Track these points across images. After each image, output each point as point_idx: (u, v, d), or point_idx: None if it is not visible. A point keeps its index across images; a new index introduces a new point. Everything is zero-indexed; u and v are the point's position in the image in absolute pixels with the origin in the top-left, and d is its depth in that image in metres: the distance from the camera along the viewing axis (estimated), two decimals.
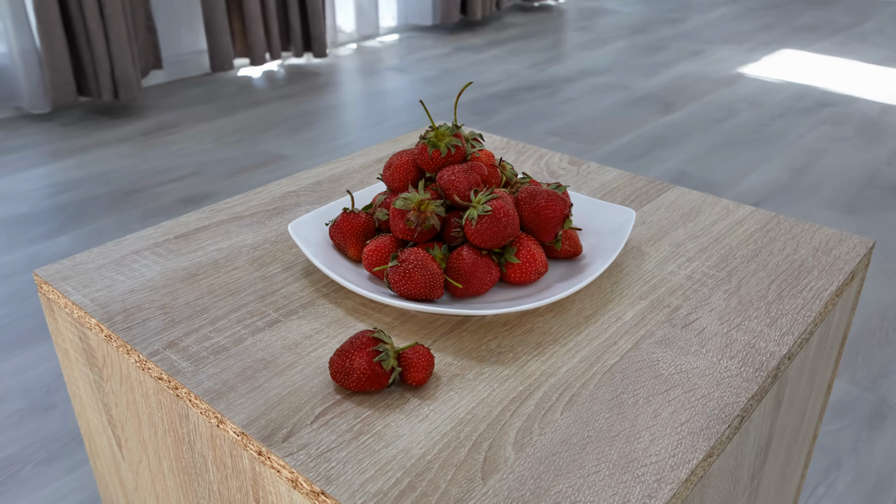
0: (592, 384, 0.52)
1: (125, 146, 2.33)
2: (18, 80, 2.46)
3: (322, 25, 2.99)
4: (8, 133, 2.43)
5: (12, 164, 2.21)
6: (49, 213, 1.92)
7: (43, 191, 2.05)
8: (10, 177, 2.14)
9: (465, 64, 3.13)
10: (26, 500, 1.10)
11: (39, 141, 2.37)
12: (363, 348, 0.50)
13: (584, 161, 0.88)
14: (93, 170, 2.17)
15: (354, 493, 0.44)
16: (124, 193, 2.03)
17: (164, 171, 2.16)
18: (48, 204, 1.97)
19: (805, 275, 0.65)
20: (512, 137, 2.38)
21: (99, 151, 2.29)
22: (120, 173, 2.15)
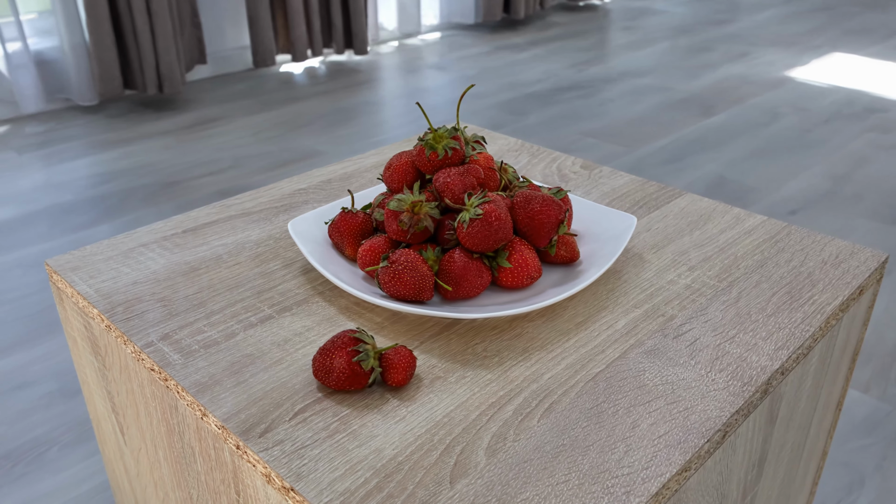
0: (574, 392, 0.52)
1: (167, 139, 2.38)
2: (69, 72, 2.53)
3: (363, 23, 3.02)
4: (57, 124, 2.51)
5: (59, 153, 2.29)
6: (91, 202, 1.98)
7: (87, 180, 2.11)
8: (57, 166, 2.21)
9: (504, 63, 3.13)
10: (51, 480, 1.14)
11: (86, 132, 2.44)
12: (343, 348, 0.50)
13: (596, 165, 0.87)
14: (135, 161, 2.23)
15: (322, 490, 0.44)
16: (163, 185, 2.08)
17: (203, 164, 2.21)
18: (91, 193, 2.03)
19: (809, 288, 0.63)
20: (546, 138, 2.36)
21: (142, 143, 2.35)
22: (160, 165, 2.20)
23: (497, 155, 0.90)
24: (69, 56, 2.48)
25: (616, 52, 3.28)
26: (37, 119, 2.54)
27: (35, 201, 1.99)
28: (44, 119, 2.54)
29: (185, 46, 2.68)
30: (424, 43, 3.41)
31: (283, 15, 2.90)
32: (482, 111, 2.59)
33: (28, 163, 2.23)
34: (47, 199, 2.00)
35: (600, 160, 2.20)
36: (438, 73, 3.01)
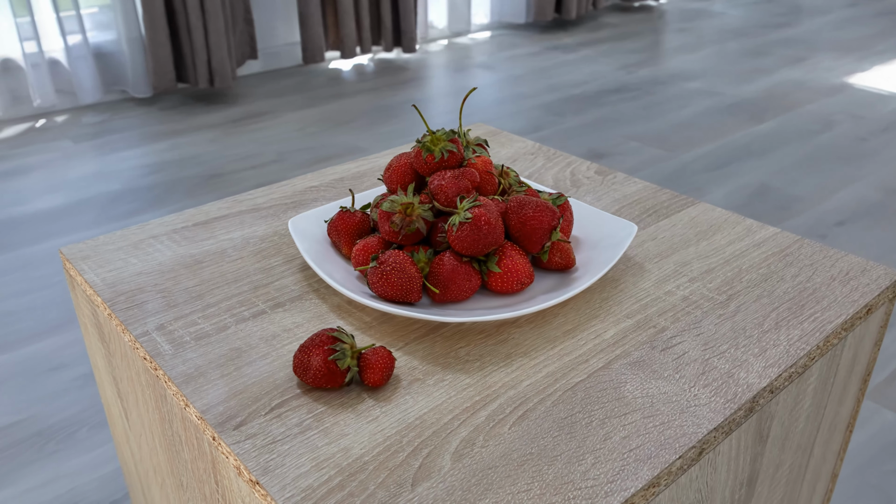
0: (550, 401, 0.51)
1: (214, 132, 2.44)
2: (125, 65, 2.62)
3: (412, 21, 3.03)
4: (113, 115, 2.59)
5: (112, 143, 2.36)
6: (138, 192, 2.04)
7: (136, 171, 2.18)
8: (109, 155, 2.29)
9: (553, 63, 3.10)
10: (79, 459, 1.18)
11: (139, 123, 2.52)
12: (321, 346, 0.51)
13: (611, 171, 0.86)
14: (182, 153, 2.29)
15: (286, 486, 0.45)
16: (207, 177, 2.13)
17: (247, 157, 2.26)
18: (138, 183, 2.09)
19: (813, 304, 0.61)
20: (587, 141, 2.34)
21: (190, 136, 2.41)
22: (205, 158, 2.26)
23: (512, 158, 0.90)
24: (126, 49, 2.56)
25: (667, 55, 3.23)
26: (94, 109, 2.63)
27: (85, 189, 2.06)
28: (101, 110, 2.63)
29: (236, 42, 2.74)
30: (474, 42, 3.41)
31: (333, 12, 2.94)
32: (525, 112, 2.58)
33: (82, 152, 2.31)
34: (97, 188, 2.07)
35: (641, 165, 2.17)
36: (485, 72, 3.01)
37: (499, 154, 0.91)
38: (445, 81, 2.91)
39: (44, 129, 2.47)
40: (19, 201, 2.01)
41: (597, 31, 3.57)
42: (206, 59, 2.57)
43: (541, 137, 2.37)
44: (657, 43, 3.41)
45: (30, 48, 2.44)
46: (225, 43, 2.58)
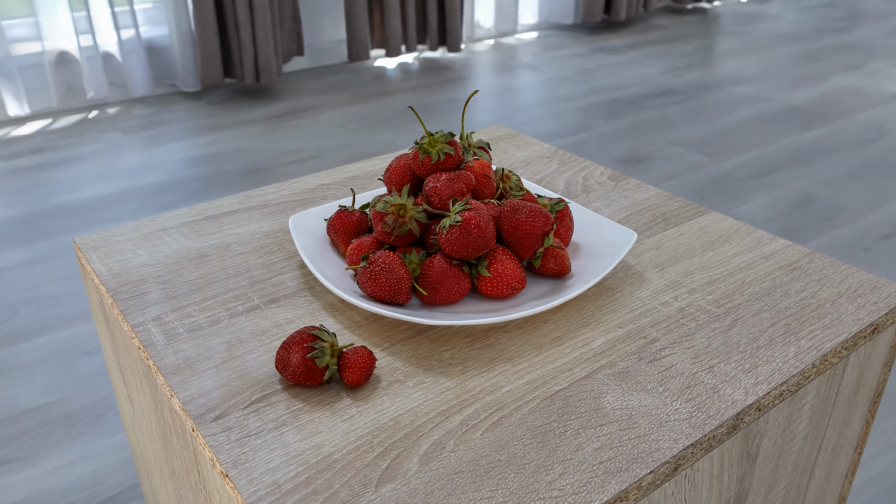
0: (527, 408, 0.51)
1: (257, 127, 2.48)
2: (175, 60, 2.68)
3: (458, 20, 3.03)
4: (162, 108, 2.66)
5: (159, 136, 2.43)
6: (179, 184, 2.09)
7: (179, 163, 2.23)
8: (155, 147, 2.35)
9: (599, 65, 3.07)
10: (103, 442, 1.22)
11: (186, 117, 2.58)
12: (300, 343, 0.52)
13: (625, 177, 0.85)
14: (225, 147, 2.34)
15: (253, 480, 0.46)
16: (247, 171, 2.17)
17: (288, 152, 2.29)
18: (181, 175, 2.15)
19: (814, 321, 0.59)
20: (628, 144, 2.30)
21: (234, 130, 2.46)
22: (247, 152, 2.30)
23: (526, 161, 0.89)
24: (176, 44, 2.63)
25: (718, 59, 3.16)
26: (144, 102, 2.70)
27: (130, 180, 2.12)
28: (150, 103, 2.70)
29: (283, 39, 2.79)
30: (520, 42, 3.40)
31: (379, 11, 2.96)
32: (565, 114, 2.56)
33: (130, 143, 2.38)
34: (141, 179, 2.13)
35: (681, 170, 2.13)
36: (529, 72, 2.99)
37: (513, 157, 0.90)
38: (488, 81, 2.90)
39: (96, 121, 2.55)
40: (69, 189, 2.08)
41: (646, 34, 3.51)
42: (252, 55, 2.62)
43: (579, 140, 2.34)
44: (708, 46, 3.34)
45: (85, 42, 2.52)
46: (271, 39, 2.62)
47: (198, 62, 2.63)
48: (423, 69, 3.04)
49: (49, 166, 2.21)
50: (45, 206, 1.99)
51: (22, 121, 2.53)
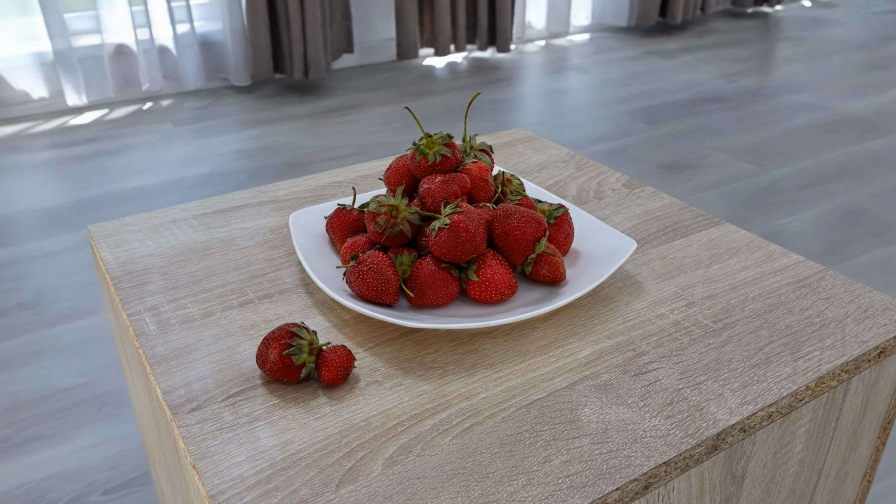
0: (501, 416, 0.50)
1: (303, 122, 2.52)
2: (227, 54, 2.74)
3: (508, 20, 3.02)
4: (213, 101, 2.72)
5: (209, 129, 2.48)
6: (223, 176, 2.14)
7: (225, 156, 2.28)
8: (204, 140, 2.40)
9: (650, 69, 3.01)
10: (129, 425, 1.25)
11: (236, 111, 2.63)
12: (278, 340, 0.52)
13: (640, 185, 0.83)
14: (271, 141, 2.38)
15: (217, 472, 0.46)
16: (289, 166, 2.20)
17: (330, 148, 2.32)
18: (225, 168, 2.19)
19: (815, 341, 0.57)
20: (674, 150, 2.26)
21: (280, 125, 2.50)
22: (291, 147, 2.33)
23: (542, 165, 0.88)
24: (229, 39, 2.68)
25: (775, 65, 3.07)
26: (196, 95, 2.77)
27: (177, 171, 2.18)
28: (202, 96, 2.76)
29: (333, 35, 2.82)
30: (571, 44, 3.36)
31: (429, 9, 2.97)
32: (612, 117, 2.52)
33: (180, 135, 2.44)
34: (188, 170, 2.18)
35: (727, 179, 2.08)
36: (579, 74, 2.96)
37: (529, 161, 0.89)
38: (536, 83, 2.88)
39: (149, 112, 2.62)
40: (119, 178, 2.14)
41: (702, 37, 3.44)
42: (302, 51, 2.66)
43: (623, 145, 2.31)
44: (766, 52, 3.25)
45: (142, 35, 2.59)
46: (321, 35, 2.65)
47: (249, 57, 2.68)
48: (471, 69, 3.04)
49: (102, 155, 2.29)
50: (95, 193, 2.05)
51: (80, 110, 2.62)
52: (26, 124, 2.51)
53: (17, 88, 2.53)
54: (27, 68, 2.52)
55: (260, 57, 2.66)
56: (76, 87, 2.54)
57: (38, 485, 1.15)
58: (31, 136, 2.42)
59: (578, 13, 3.45)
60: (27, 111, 2.56)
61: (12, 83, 2.52)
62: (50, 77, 2.56)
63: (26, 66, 2.52)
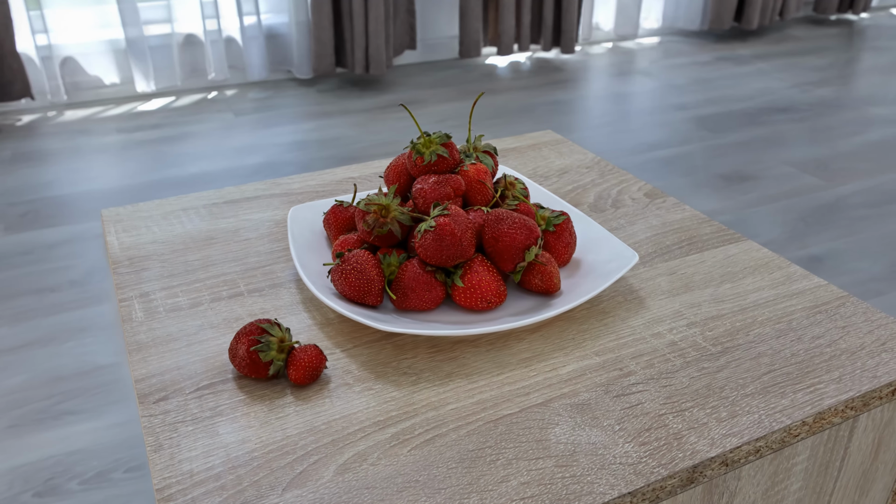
0: (466, 430, 0.48)
1: (360, 116, 2.53)
2: (292, 47, 2.78)
3: (574, 21, 2.97)
4: (275, 93, 2.77)
5: (268, 119, 2.52)
6: (277, 167, 2.17)
7: (281, 147, 2.31)
8: (262, 130, 2.45)
9: (720, 75, 2.91)
10: None
11: (297, 103, 2.67)
12: (248, 335, 0.51)
13: (663, 195, 0.79)
14: (326, 134, 2.40)
15: (168, 466, 0.46)
16: (340, 160, 2.21)
17: (382, 144, 2.32)
18: (279, 159, 2.22)
19: (821, 373, 0.53)
20: (736, 160, 2.17)
21: (338, 118, 2.52)
22: (345, 141, 2.35)
23: (563, 169, 0.85)
24: (294, 32, 2.72)
25: (855, 75, 2.92)
26: (259, 86, 2.82)
27: (233, 159, 2.22)
28: (266, 87, 2.81)
29: (396, 31, 2.82)
30: (640, 47, 3.28)
31: (494, 7, 2.94)
32: (674, 123, 2.44)
33: (240, 124, 2.49)
34: (243, 160, 2.22)
35: (789, 192, 1.99)
36: (644, 78, 2.88)
37: (552, 164, 0.86)
38: (599, 85, 2.82)
39: (213, 101, 2.68)
40: (178, 164, 2.20)
41: (778, 44, 3.30)
42: (363, 46, 2.68)
43: (683, 152, 2.23)
44: (846, 61, 3.09)
45: (210, 26, 2.65)
46: (383, 31, 2.66)
47: (312, 50, 2.71)
48: (534, 69, 3.00)
49: (165, 141, 2.35)
50: (154, 178, 2.11)
51: (148, 97, 2.71)
52: (97, 108, 2.60)
53: (90, 74, 2.63)
54: (101, 55, 2.62)
55: (322, 51, 2.69)
56: (145, 75, 2.63)
57: (66, 458, 1.18)
58: (100, 119, 2.52)
59: (649, 16, 3.37)
60: (98, 96, 2.66)
61: (86, 68, 2.62)
62: (121, 64, 2.65)
63: (100, 52, 2.61)
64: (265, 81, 2.86)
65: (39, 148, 2.31)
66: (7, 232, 1.83)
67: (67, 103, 2.64)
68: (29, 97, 2.43)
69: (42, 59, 2.48)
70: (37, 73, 2.49)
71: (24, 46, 2.45)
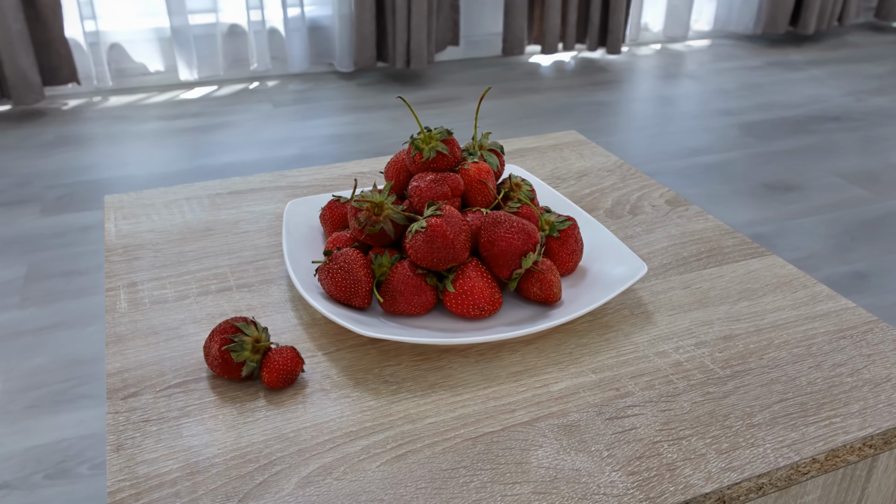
0: (442, 447, 0.45)
1: (399, 111, 2.51)
2: (334, 40, 2.78)
3: (621, 21, 2.90)
4: (316, 85, 2.77)
5: (306, 111, 2.52)
6: (309, 159, 2.16)
7: (315, 139, 2.30)
8: (300, 122, 2.44)
9: (771, 81, 2.81)
10: None
11: (336, 96, 2.66)
12: (221, 334, 0.49)
13: (684, 202, 0.74)
14: (364, 128, 2.38)
15: (125, 467, 0.43)
16: (372, 154, 2.19)
17: None
18: (312, 151, 2.22)
19: (839, 405, 0.48)
20: (780, 169, 2.09)
21: (376, 113, 2.50)
22: (379, 135, 2.33)
23: (583, 172, 0.81)
24: (336, 24, 2.72)
25: None
26: (300, 78, 2.82)
27: (268, 150, 2.22)
28: (306, 79, 2.81)
29: (439, 27, 2.80)
30: (689, 49, 3.19)
31: (540, 5, 2.89)
32: (718, 129, 2.36)
33: (279, 115, 2.49)
34: (278, 150, 2.22)
35: (836, 205, 1.90)
36: (691, 82, 2.80)
37: (572, 166, 0.82)
38: (644, 87, 2.75)
39: (254, 91, 2.69)
40: (214, 153, 2.21)
41: (834, 51, 3.18)
42: (405, 41, 2.65)
43: (726, 159, 2.16)
44: None
45: (255, 16, 2.66)
46: (425, 26, 2.64)
47: (353, 44, 2.70)
48: (578, 69, 2.94)
49: (203, 130, 2.37)
50: (189, 166, 2.12)
51: (191, 85, 2.73)
52: (140, 95, 2.63)
53: (135, 61, 2.66)
54: (146, 42, 2.65)
55: (364, 44, 2.67)
56: (189, 63, 2.65)
57: (78, 441, 1.19)
58: (143, 106, 2.54)
59: (700, 17, 3.27)
60: (142, 83, 2.69)
61: (132, 55, 2.65)
62: (166, 52, 2.67)
63: (146, 40, 2.64)
64: (306, 73, 2.86)
65: (81, 132, 2.35)
66: (43, 214, 1.86)
67: (112, 89, 2.67)
68: (75, 82, 2.47)
69: (89, 45, 2.52)
70: (84, 58, 2.53)
71: (72, 32, 2.49)
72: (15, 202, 1.91)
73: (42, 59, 2.42)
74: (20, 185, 2.00)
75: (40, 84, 2.39)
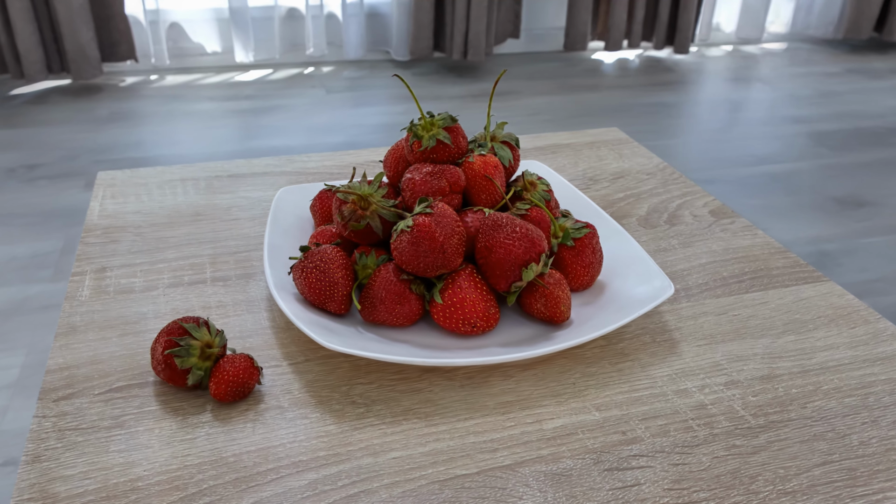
0: (402, 489, 0.38)
1: (453, 103, 2.44)
2: (391, 27, 2.72)
3: (691, 19, 2.76)
4: (370, 72, 2.72)
5: (359, 98, 2.47)
6: (350, 145, 2.11)
7: (363, 128, 2.25)
8: (349, 110, 2.40)
9: (849, 89, 2.63)
10: None
11: (390, 84, 2.60)
12: (167, 335, 0.43)
13: (734, 214, 0.65)
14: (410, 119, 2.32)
15: (35, 484, 0.38)
16: None
17: (469, 133, 2.22)
18: (360, 139, 2.16)
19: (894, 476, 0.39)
20: (854, 184, 1.94)
21: (430, 104, 2.44)
22: None
23: (620, 173, 0.72)
24: (394, 13, 2.66)
25: None
26: (356, 65, 2.78)
27: (314, 136, 2.18)
28: (361, 66, 2.77)
29: (499, 18, 2.71)
30: (762, 52, 3.03)
31: (605, 0, 2.78)
32: (788, 137, 2.22)
33: (330, 101, 2.45)
34: (324, 137, 2.18)
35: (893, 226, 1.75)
36: (763, 86, 2.65)
37: (608, 167, 0.74)
38: (711, 90, 2.61)
39: (309, 76, 2.66)
40: (262, 136, 2.18)
41: None
42: (463, 31, 2.58)
43: (794, 169, 2.02)
44: None
45: (313, 1, 2.63)
46: (485, 17, 2.56)
47: (410, 32, 2.64)
48: (642, 68, 2.82)
49: (255, 112, 2.34)
50: (237, 148, 2.10)
51: (246, 68, 2.72)
52: (196, 75, 2.63)
53: (193, 41, 2.66)
54: (205, 22, 2.64)
55: (420, 33, 2.61)
56: (245, 46, 2.63)
57: None
58: (198, 86, 2.54)
59: (776, 19, 3.10)
60: (199, 63, 2.69)
61: (190, 35, 2.65)
62: (224, 33, 2.66)
63: (204, 20, 2.64)
64: (362, 61, 2.81)
65: (135, 109, 2.35)
66: (86, 189, 1.85)
67: (169, 68, 2.68)
68: (133, 59, 2.48)
69: (149, 23, 2.52)
70: (143, 36, 2.53)
71: (132, 9, 2.50)
72: (61, 175, 1.91)
73: (102, 35, 2.44)
74: (69, 158, 2.01)
75: (99, 59, 2.40)
